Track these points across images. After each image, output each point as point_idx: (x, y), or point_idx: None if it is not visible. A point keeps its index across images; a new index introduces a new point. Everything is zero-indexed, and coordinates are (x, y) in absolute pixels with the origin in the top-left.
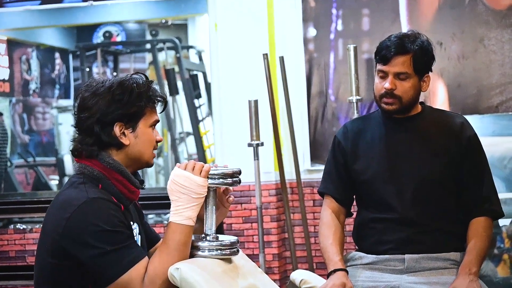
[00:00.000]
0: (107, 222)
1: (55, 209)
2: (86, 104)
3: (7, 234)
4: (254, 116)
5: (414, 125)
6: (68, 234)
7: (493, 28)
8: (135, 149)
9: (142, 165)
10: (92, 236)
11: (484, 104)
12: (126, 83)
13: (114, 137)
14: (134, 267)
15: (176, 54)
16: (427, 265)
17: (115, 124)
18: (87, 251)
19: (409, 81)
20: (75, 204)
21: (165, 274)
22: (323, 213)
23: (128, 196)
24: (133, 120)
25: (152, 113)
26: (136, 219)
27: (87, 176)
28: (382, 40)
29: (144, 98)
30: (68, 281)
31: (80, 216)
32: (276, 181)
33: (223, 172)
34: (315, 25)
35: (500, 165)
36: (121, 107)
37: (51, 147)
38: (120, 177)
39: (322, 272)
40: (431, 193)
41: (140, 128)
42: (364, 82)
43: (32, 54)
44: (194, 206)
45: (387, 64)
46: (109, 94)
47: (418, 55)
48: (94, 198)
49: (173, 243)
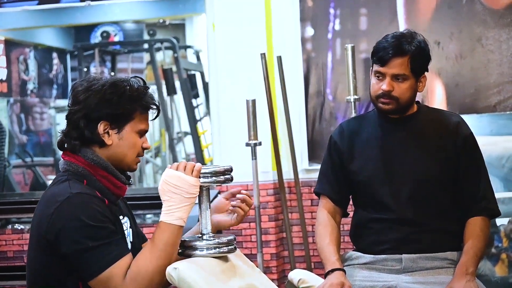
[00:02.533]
0: (90, 216)
1: (41, 207)
2: (77, 98)
3: (5, 234)
4: (252, 115)
5: (410, 125)
6: (52, 229)
7: (490, 28)
8: (118, 150)
9: (124, 167)
10: (75, 231)
11: (482, 104)
12: (119, 84)
13: (97, 135)
14: (116, 264)
15: (174, 54)
16: (424, 265)
17: (100, 122)
18: (70, 246)
19: (406, 83)
20: (59, 200)
21: (147, 272)
22: (319, 214)
23: (115, 192)
24: (120, 121)
25: (142, 120)
26: (126, 213)
27: (71, 173)
28: (379, 40)
29: (135, 103)
30: (57, 277)
31: (64, 211)
32: (274, 181)
33: (214, 170)
34: (312, 25)
35: (498, 165)
36: (109, 106)
37: (48, 147)
38: (105, 173)
39: (320, 271)
40: (427, 192)
41: (126, 131)
42: (361, 82)
43: (29, 54)
44: (186, 206)
45: (384, 65)
46: (100, 92)
47: (415, 56)
48: (78, 193)
49: (161, 242)
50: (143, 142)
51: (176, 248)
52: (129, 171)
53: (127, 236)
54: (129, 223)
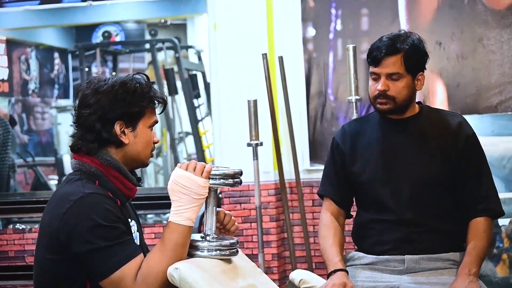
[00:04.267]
0: (103, 217)
1: (52, 205)
2: (87, 101)
3: (6, 234)
4: (253, 116)
5: (412, 126)
6: (65, 228)
7: (492, 28)
8: (134, 148)
9: (138, 164)
10: (87, 231)
11: (483, 104)
12: (129, 82)
13: (114, 135)
14: (128, 264)
15: (175, 54)
16: (427, 266)
17: (116, 123)
18: (82, 246)
19: (402, 81)
20: (72, 199)
21: (158, 273)
22: (323, 215)
23: (125, 193)
24: (134, 119)
25: (151, 113)
26: (133, 216)
27: (84, 173)
28: (373, 42)
29: (146, 99)
30: (66, 277)
31: (76, 211)
32: (275, 181)
33: (224, 173)
34: (314, 25)
35: (499, 165)
36: (123, 106)
37: (50, 147)
38: (117, 174)
39: (321, 272)
40: (428, 193)
41: (139, 128)
42: (363, 82)
43: (31, 54)
44: (195, 207)
45: (378, 65)
46: (111, 92)
47: (408, 54)
48: (91, 193)
49: (170, 243)
50: (153, 137)
51: (186, 248)
52: (142, 167)
53: (135, 239)
54: (136, 226)
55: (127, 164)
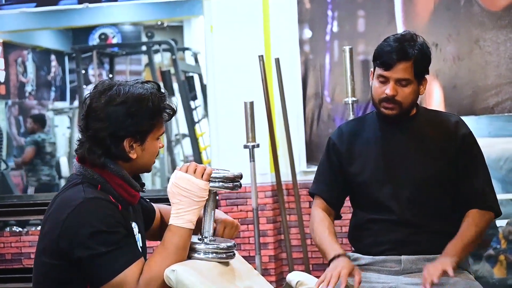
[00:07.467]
0: (103, 222)
1: (53, 210)
2: (98, 114)
3: (3, 236)
4: (250, 117)
5: (410, 126)
6: (65, 234)
7: (488, 29)
8: (141, 161)
9: (142, 172)
10: (88, 237)
11: (480, 105)
12: (142, 98)
13: (122, 150)
14: (129, 268)
15: (171, 56)
16: (423, 267)
17: (126, 139)
18: (83, 252)
19: (409, 87)
20: (72, 204)
21: (160, 276)
22: (314, 212)
23: (128, 200)
24: (144, 135)
25: (161, 126)
26: (135, 218)
27: (86, 177)
28: (381, 43)
29: (159, 115)
30: (66, 281)
31: (77, 216)
32: (272, 183)
33: (224, 176)
34: (310, 27)
35: (496, 166)
36: (134, 124)
37: None
38: (120, 181)
39: (318, 273)
40: (427, 193)
41: (148, 142)
42: (359, 84)
43: (28, 57)
44: (195, 210)
45: (389, 70)
46: (124, 108)
47: (418, 60)
48: (91, 198)
49: (172, 246)
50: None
51: (187, 251)
52: (146, 172)
53: (137, 241)
54: (138, 228)
55: (131, 172)
